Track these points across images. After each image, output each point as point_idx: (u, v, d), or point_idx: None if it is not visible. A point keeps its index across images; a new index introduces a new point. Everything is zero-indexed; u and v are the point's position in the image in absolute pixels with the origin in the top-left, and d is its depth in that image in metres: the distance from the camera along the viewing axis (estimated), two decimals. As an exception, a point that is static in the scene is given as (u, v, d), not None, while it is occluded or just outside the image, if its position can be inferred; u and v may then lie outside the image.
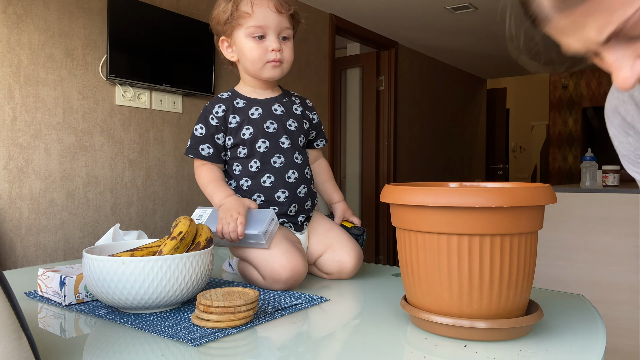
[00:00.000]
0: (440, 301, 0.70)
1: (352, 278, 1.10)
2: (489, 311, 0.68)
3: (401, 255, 0.76)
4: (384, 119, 4.87)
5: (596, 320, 0.81)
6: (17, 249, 2.31)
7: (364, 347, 0.68)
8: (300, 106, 1.14)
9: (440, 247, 0.69)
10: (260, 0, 1.04)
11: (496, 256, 0.67)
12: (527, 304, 0.74)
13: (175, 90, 2.85)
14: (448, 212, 0.67)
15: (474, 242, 0.67)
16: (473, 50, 5.31)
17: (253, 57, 1.05)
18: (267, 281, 0.98)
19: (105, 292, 0.77)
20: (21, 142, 2.31)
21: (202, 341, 0.68)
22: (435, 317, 0.70)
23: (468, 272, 0.67)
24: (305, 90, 3.89)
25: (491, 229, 0.66)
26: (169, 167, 2.93)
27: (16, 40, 2.29)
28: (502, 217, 0.66)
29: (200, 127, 1.07)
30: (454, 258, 0.68)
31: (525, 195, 0.66)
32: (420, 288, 0.72)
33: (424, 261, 0.71)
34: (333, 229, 1.11)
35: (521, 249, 0.68)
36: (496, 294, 0.68)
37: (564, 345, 0.68)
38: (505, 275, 0.68)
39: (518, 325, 0.68)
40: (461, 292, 0.68)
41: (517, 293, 0.69)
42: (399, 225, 0.75)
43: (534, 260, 0.71)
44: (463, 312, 0.69)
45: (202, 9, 3.08)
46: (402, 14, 4.14)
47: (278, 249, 0.98)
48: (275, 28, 1.05)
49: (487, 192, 0.65)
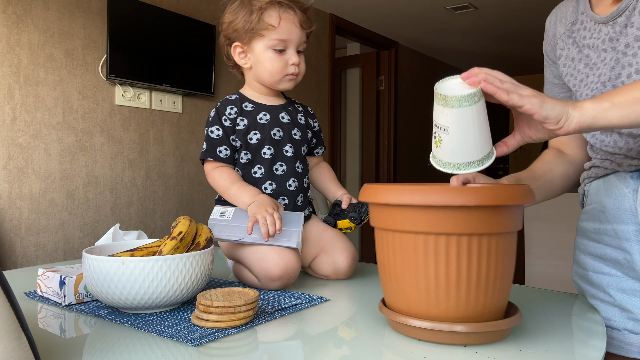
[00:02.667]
0: (415, 303, 0.68)
1: (351, 278, 1.10)
2: (465, 313, 0.66)
3: (379, 256, 0.74)
4: (384, 119, 4.87)
5: (596, 320, 0.81)
6: (17, 249, 2.30)
7: (364, 347, 0.68)
8: (303, 115, 1.15)
9: (416, 247, 0.67)
10: (287, 14, 1.04)
11: (473, 257, 0.65)
12: (505, 306, 0.71)
13: (175, 90, 2.85)
14: (424, 211, 0.66)
15: (451, 242, 0.65)
16: (473, 50, 5.31)
17: (273, 69, 1.06)
18: (262, 281, 0.97)
19: (105, 292, 0.77)
20: (21, 142, 2.31)
21: (202, 341, 0.68)
22: (413, 320, 0.68)
23: (444, 273, 0.66)
24: (305, 90, 3.89)
25: (467, 229, 0.64)
26: (169, 167, 2.93)
27: (16, 40, 2.29)
28: (478, 216, 0.64)
29: (217, 129, 1.06)
30: (430, 258, 0.66)
31: (502, 194, 0.65)
32: (396, 290, 0.70)
33: (400, 262, 0.69)
34: (326, 232, 1.11)
35: (499, 249, 0.66)
36: (473, 296, 0.66)
37: (564, 345, 0.68)
38: (482, 276, 0.65)
39: (496, 328, 0.66)
40: (437, 293, 0.66)
41: (494, 295, 0.67)
42: (376, 224, 0.73)
43: (512, 261, 0.69)
44: (440, 315, 0.67)
45: (202, 9, 3.08)
46: (402, 14, 4.14)
47: (270, 248, 0.98)
48: (296, 42, 1.06)
49: (462, 190, 0.64)
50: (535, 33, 4.58)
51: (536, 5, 3.86)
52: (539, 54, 5.54)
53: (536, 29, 4.50)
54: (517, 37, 4.74)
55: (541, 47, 1.13)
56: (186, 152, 3.01)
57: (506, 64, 5.94)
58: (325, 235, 1.10)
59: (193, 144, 3.05)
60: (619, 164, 0.87)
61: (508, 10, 4.03)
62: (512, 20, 4.27)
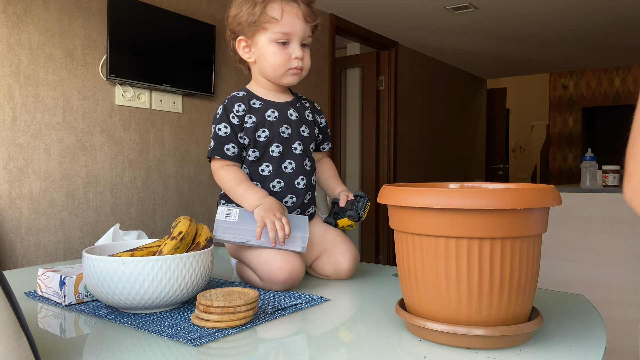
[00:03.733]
0: (439, 307, 0.66)
1: (351, 278, 1.10)
2: (489, 318, 0.65)
3: (399, 258, 0.73)
4: (384, 119, 4.87)
5: (596, 320, 0.81)
6: (17, 249, 2.31)
7: (364, 347, 0.68)
8: (310, 112, 1.14)
9: (438, 251, 0.65)
10: (290, 7, 1.03)
11: (497, 261, 0.63)
12: (529, 310, 0.70)
13: (175, 90, 2.85)
14: (449, 215, 0.63)
15: (474, 246, 0.63)
16: (473, 50, 5.31)
17: (276, 63, 1.05)
18: (265, 283, 0.97)
19: (105, 292, 0.77)
20: (21, 142, 2.31)
21: (202, 341, 0.68)
22: (430, 323, 0.66)
23: (468, 277, 0.64)
24: (305, 90, 3.89)
25: (493, 232, 0.62)
26: (169, 167, 2.93)
27: (16, 40, 2.29)
28: (505, 219, 0.62)
29: (224, 127, 1.05)
30: (452, 262, 0.64)
31: (532, 197, 0.62)
32: (419, 292, 0.69)
33: (422, 265, 0.67)
34: (328, 232, 1.11)
35: (524, 253, 0.65)
36: (496, 300, 0.64)
37: (564, 346, 0.68)
38: (506, 280, 0.64)
39: (519, 332, 0.65)
40: (460, 298, 0.65)
41: (520, 299, 0.66)
42: (397, 227, 0.71)
43: (537, 264, 0.68)
44: (463, 319, 0.65)
45: (202, 9, 3.08)
46: (402, 14, 4.14)
47: (275, 251, 0.98)
48: (300, 36, 1.05)
49: (491, 193, 0.61)
50: (535, 33, 4.58)
51: (536, 5, 3.86)
52: (538, 54, 5.54)
53: (536, 29, 4.49)
54: (517, 37, 4.74)
55: (541, 47, 1.11)
56: (186, 152, 3.02)
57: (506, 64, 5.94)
58: (327, 236, 1.10)
59: (193, 144, 3.05)
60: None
61: (508, 10, 4.03)
62: (512, 20, 4.27)
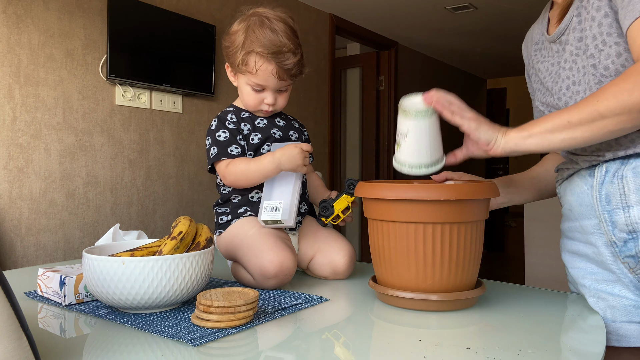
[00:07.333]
0: (401, 278, 0.85)
1: (350, 277, 1.10)
2: (440, 286, 0.83)
3: (372, 241, 0.90)
4: (384, 119, 4.87)
5: (596, 320, 0.81)
6: (17, 249, 2.31)
7: (364, 346, 0.68)
8: (296, 123, 1.21)
9: (403, 234, 0.83)
10: (267, 65, 1.06)
11: (446, 241, 0.82)
12: (474, 282, 0.88)
13: (175, 90, 2.85)
14: (406, 204, 0.82)
15: (428, 229, 0.82)
16: (473, 50, 5.31)
17: (249, 102, 1.11)
18: (257, 279, 0.97)
19: (105, 292, 0.77)
20: (21, 142, 2.31)
21: (202, 341, 0.68)
22: (398, 292, 0.84)
23: (423, 254, 0.82)
24: (306, 90, 3.89)
25: (436, 218, 0.81)
26: (169, 167, 2.93)
27: (16, 40, 2.29)
28: (449, 208, 0.81)
29: (223, 132, 1.10)
30: (412, 242, 0.83)
31: (465, 190, 0.80)
32: (386, 268, 0.87)
33: (388, 246, 0.85)
34: (320, 231, 1.11)
35: (467, 234, 0.83)
36: (446, 272, 0.83)
37: (564, 346, 0.68)
38: (453, 256, 0.83)
39: (464, 297, 0.83)
40: (417, 270, 0.83)
41: (464, 271, 0.84)
42: (370, 215, 0.89)
43: (477, 245, 0.85)
44: (420, 287, 0.84)
45: (202, 9, 3.08)
46: (402, 14, 4.14)
47: (266, 245, 0.98)
48: (274, 87, 1.10)
49: (433, 187, 0.80)
50: (535, 33, 4.58)
51: (536, 5, 3.86)
52: (539, 54, 5.53)
53: (536, 29, 4.49)
54: (517, 37, 4.74)
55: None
56: (186, 152, 3.02)
57: (506, 64, 5.94)
58: (319, 235, 1.10)
59: (193, 144, 3.05)
60: (578, 163, 0.93)
61: (508, 10, 4.03)
62: (512, 20, 4.27)
